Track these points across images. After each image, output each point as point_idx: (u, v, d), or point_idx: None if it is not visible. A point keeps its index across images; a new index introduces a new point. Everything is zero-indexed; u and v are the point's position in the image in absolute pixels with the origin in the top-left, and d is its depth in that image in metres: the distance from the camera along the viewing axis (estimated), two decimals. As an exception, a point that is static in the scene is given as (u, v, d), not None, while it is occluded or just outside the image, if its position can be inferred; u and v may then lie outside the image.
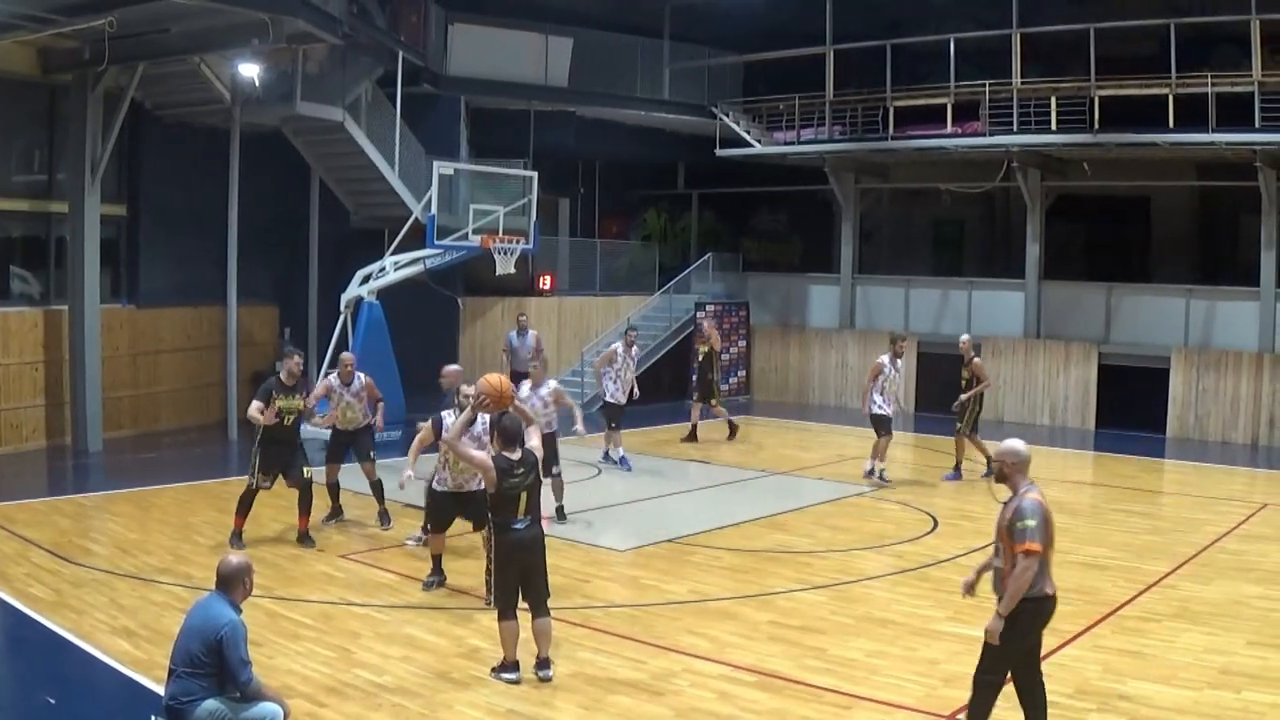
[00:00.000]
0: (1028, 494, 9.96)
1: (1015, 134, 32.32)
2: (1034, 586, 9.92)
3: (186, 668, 9.57)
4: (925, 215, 41.96)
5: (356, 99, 30.02)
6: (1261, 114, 28.61)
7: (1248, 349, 30.91)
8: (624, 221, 43.20)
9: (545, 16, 35.57)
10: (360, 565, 17.03)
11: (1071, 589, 16.07)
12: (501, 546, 12.27)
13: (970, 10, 35.12)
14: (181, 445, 27.38)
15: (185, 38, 24.92)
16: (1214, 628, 14.38)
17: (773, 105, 37.40)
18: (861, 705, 11.84)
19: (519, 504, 12.18)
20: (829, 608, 15.32)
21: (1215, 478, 26.29)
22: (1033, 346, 33.99)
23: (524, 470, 12.21)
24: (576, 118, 37.33)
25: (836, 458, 27.23)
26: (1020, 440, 10.45)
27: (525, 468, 12.24)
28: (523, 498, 12.19)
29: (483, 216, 27.85)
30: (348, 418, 19.56)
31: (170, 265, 29.38)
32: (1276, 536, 20.00)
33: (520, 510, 12.19)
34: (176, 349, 29.25)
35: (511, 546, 12.21)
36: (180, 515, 19.53)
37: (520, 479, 12.17)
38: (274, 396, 17.81)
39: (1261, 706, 11.75)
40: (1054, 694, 11.87)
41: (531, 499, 12.26)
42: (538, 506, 12.34)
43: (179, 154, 29.28)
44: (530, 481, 12.24)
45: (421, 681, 12.19)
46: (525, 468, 12.24)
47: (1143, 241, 37.78)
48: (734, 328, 39.01)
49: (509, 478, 12.14)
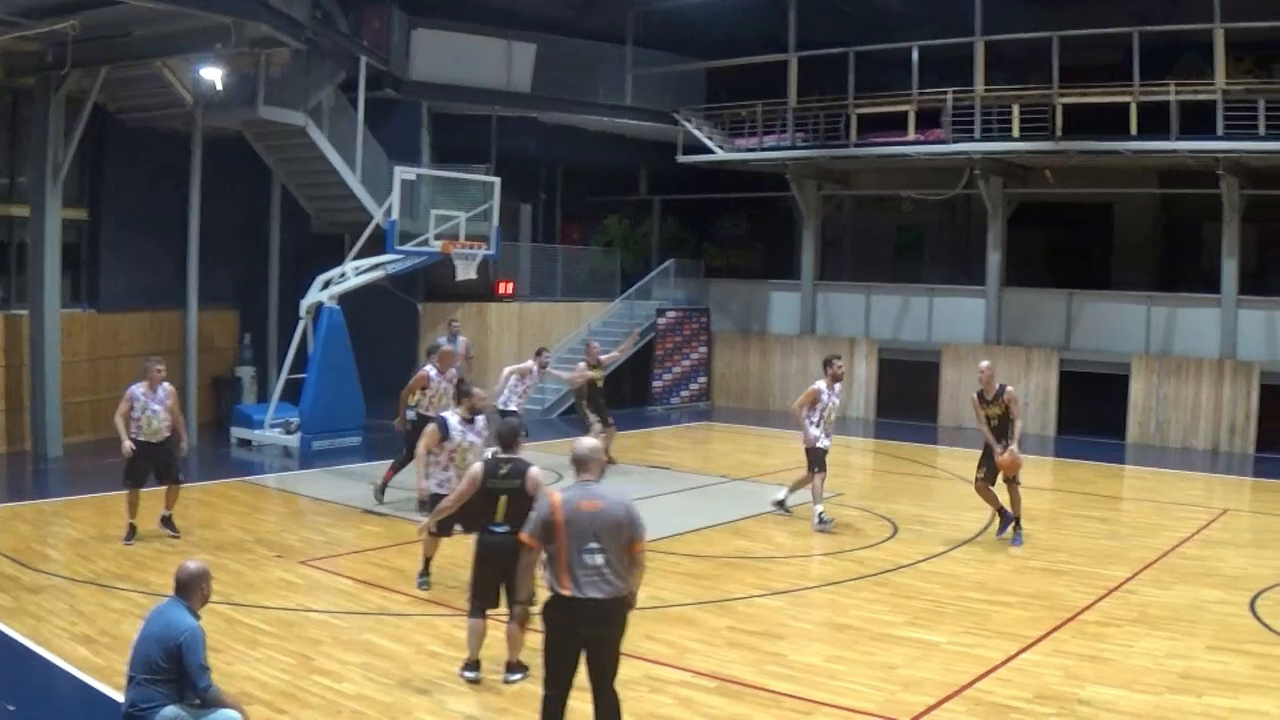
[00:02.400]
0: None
1: (978, 141, 32.41)
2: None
3: (146, 674, 9.51)
4: (887, 222, 41.96)
5: (319, 103, 29.93)
6: (1224, 122, 28.74)
7: (1209, 356, 31.04)
8: (585, 227, 43.13)
9: (508, 22, 35.46)
10: (319, 572, 16.93)
11: (1031, 594, 16.17)
12: (478, 547, 12.40)
13: (933, 18, 35.17)
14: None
15: (148, 41, 24.80)
16: (1174, 632, 14.41)
17: (735, 112, 37.38)
18: (821, 710, 11.80)
19: (498, 506, 12.22)
20: (788, 613, 15.32)
21: (1175, 483, 26.35)
22: (994, 353, 33.94)
23: (508, 473, 12.26)
24: (538, 123, 37.22)
25: (797, 464, 27.10)
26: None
27: (511, 470, 12.27)
28: (503, 501, 12.21)
29: (444, 222, 27.71)
30: (152, 428, 18.37)
31: (131, 269, 29.23)
32: (1236, 542, 20.10)
33: (499, 514, 12.22)
34: (137, 354, 28.93)
35: (487, 548, 12.28)
36: (139, 522, 19.36)
37: (503, 480, 12.22)
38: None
39: (1222, 711, 11.76)
40: (1014, 699, 11.94)
41: (513, 505, 12.09)
42: (522, 516, 12.10)
43: (141, 158, 29.13)
44: (514, 486, 12.17)
45: (381, 688, 12.13)
46: (511, 470, 12.27)
47: (1104, 248, 37.89)
48: (695, 334, 39.02)
49: (493, 477, 12.24)
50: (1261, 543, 20.15)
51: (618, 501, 10.01)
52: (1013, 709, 11.79)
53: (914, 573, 17.34)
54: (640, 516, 10.04)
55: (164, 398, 18.30)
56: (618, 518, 9.86)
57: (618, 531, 9.84)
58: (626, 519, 9.91)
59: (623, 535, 9.86)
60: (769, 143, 36.50)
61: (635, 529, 9.94)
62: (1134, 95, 29.79)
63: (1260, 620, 15.05)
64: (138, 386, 18.28)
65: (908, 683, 12.47)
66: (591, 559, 9.73)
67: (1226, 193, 30.38)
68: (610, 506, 9.92)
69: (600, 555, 9.75)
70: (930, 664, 12.73)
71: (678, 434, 29.74)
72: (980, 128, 32.30)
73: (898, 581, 16.91)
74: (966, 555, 18.59)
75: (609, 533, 9.81)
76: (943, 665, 12.96)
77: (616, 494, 10.14)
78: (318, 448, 26.27)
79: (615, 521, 9.85)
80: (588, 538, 9.76)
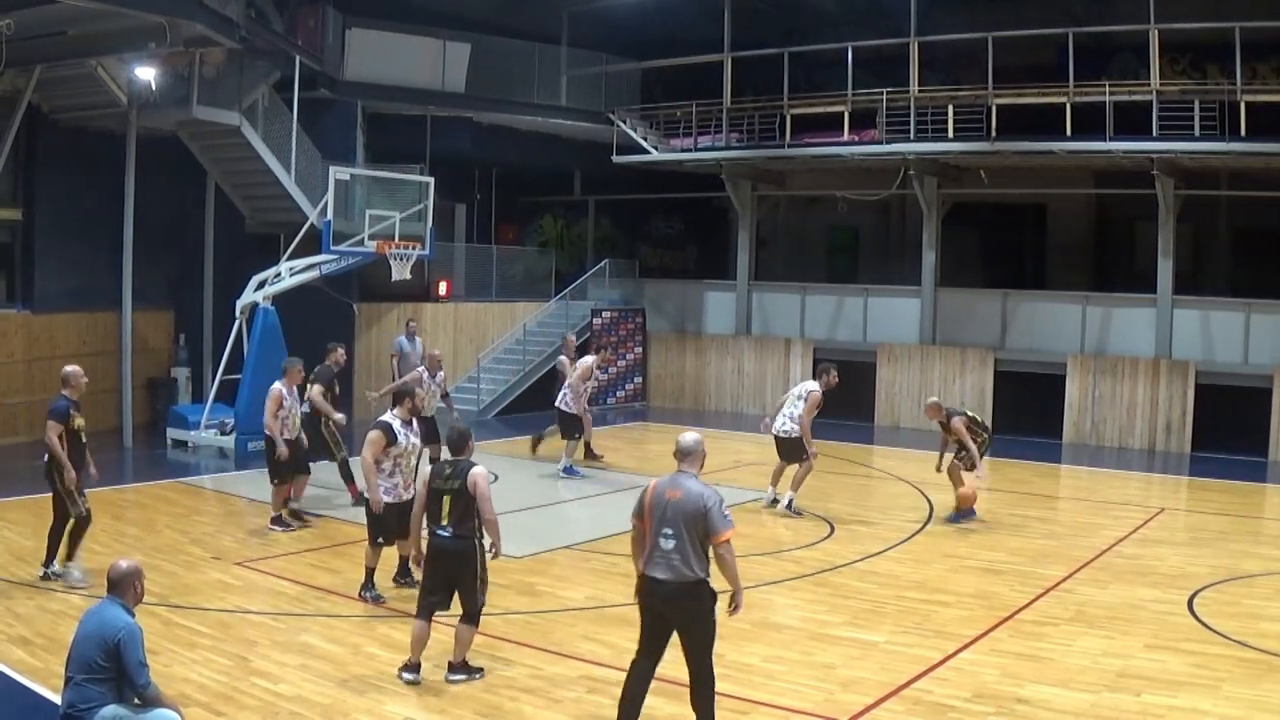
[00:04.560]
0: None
1: (912, 142, 32.48)
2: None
3: (84, 674, 9.49)
4: (821, 222, 42.09)
5: (253, 103, 29.71)
6: (1159, 123, 28.87)
7: (1144, 355, 31.18)
8: (520, 228, 43.10)
9: (443, 22, 35.33)
10: (256, 573, 16.79)
11: (969, 593, 16.19)
12: (428, 549, 12.53)
13: (868, 19, 35.26)
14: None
15: (83, 41, 24.59)
16: (1111, 631, 14.46)
17: (670, 112, 37.31)
18: (759, 710, 11.78)
19: (442, 507, 12.30)
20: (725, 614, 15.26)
21: (1112, 483, 26.47)
22: (929, 353, 34.13)
23: (452, 473, 12.36)
24: (473, 123, 37.11)
25: (733, 463, 27.16)
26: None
27: (454, 471, 12.36)
28: (446, 501, 12.27)
29: (379, 222, 27.63)
30: (296, 425, 19.34)
31: (66, 270, 28.97)
32: (1173, 541, 20.21)
33: (443, 515, 12.30)
34: (71, 355, 28.67)
35: (434, 550, 12.40)
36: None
37: (446, 481, 12.34)
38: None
39: (1160, 709, 11.79)
40: (952, 698, 11.93)
41: (455, 506, 12.23)
42: (465, 523, 12.25)
43: (75, 158, 28.85)
44: (455, 488, 12.25)
45: (319, 690, 12.05)
46: (454, 471, 12.36)
47: (1039, 249, 38.11)
48: (630, 334, 38.96)
49: (438, 478, 12.40)
50: (1199, 541, 20.24)
51: (699, 494, 10.46)
52: (951, 708, 11.78)
53: (851, 573, 17.36)
54: (721, 513, 10.47)
55: (297, 395, 19.23)
56: (695, 510, 10.37)
57: (693, 522, 10.37)
58: (703, 512, 10.37)
59: (698, 527, 10.37)
60: (704, 143, 36.47)
61: (712, 523, 10.38)
62: (1069, 96, 29.93)
63: (1198, 619, 15.12)
64: (280, 384, 19.08)
65: (846, 682, 12.48)
66: (665, 543, 10.42)
67: (1161, 193, 30.50)
68: (690, 497, 10.44)
69: (672, 541, 10.39)
70: (869, 663, 12.70)
71: (613, 434, 29.67)
72: (915, 128, 32.35)
73: (835, 581, 16.91)
74: (904, 555, 18.62)
75: (684, 522, 10.37)
76: (881, 665, 12.95)
77: (701, 487, 10.56)
78: (253, 449, 26.03)
79: (691, 513, 10.37)
80: (664, 523, 10.43)
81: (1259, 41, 30.20)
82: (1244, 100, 28.14)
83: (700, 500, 10.39)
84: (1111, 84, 29.91)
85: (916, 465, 26.19)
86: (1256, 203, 31.66)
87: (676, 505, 10.40)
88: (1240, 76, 28.53)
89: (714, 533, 10.36)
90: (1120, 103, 29.44)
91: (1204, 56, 33.17)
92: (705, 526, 10.35)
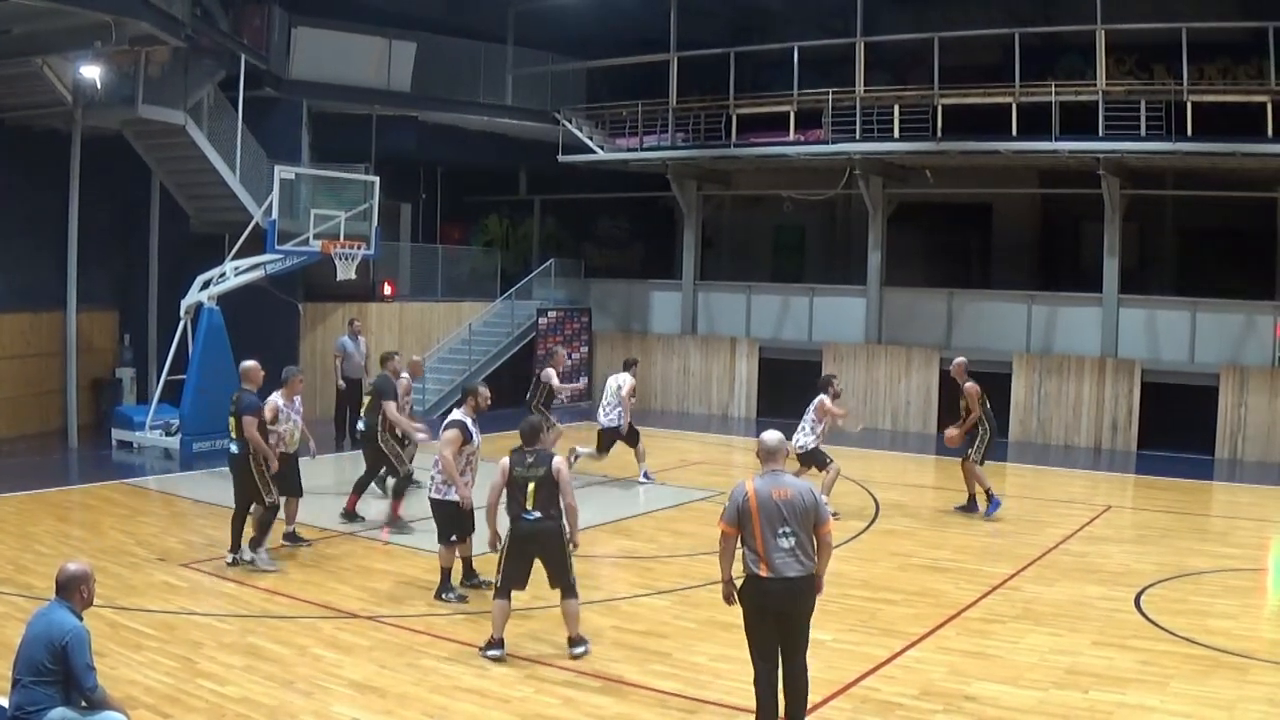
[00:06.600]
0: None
1: (858, 141, 32.57)
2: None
3: (32, 677, 9.45)
4: (767, 222, 42.18)
5: (199, 102, 29.50)
6: (1105, 122, 29.02)
7: (1090, 354, 31.34)
8: (466, 227, 43.03)
9: (388, 21, 35.20)
10: (202, 575, 16.72)
11: (915, 591, 16.23)
12: (511, 534, 13.22)
13: (814, 19, 35.37)
14: (20, 453, 26.75)
15: (27, 39, 24.45)
16: (1058, 628, 14.53)
17: (615, 111, 37.35)
18: (707, 709, 11.80)
19: (528, 494, 13.06)
20: (672, 612, 15.26)
21: (1058, 481, 26.64)
22: (874, 352, 34.19)
23: (534, 461, 13.19)
24: (419, 123, 36.99)
25: (679, 463, 27.19)
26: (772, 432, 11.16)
27: (536, 459, 13.21)
28: (531, 488, 13.06)
29: (324, 221, 27.52)
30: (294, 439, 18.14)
31: (9, 270, 28.64)
32: (1119, 538, 20.31)
33: (529, 500, 13.05)
34: (15, 355, 28.60)
35: (521, 534, 13.13)
36: (20, 525, 19.05)
37: (530, 469, 13.14)
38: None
39: (1108, 705, 11.83)
40: (900, 695, 11.96)
41: (540, 493, 13.04)
42: (550, 506, 12.97)
43: (19, 157, 28.62)
44: (540, 475, 13.07)
45: (265, 691, 12.01)
46: (536, 459, 13.21)
47: (984, 248, 38.29)
48: (576, 334, 38.86)
49: (519, 466, 13.18)
50: (1145, 539, 20.40)
51: (806, 488, 10.96)
52: (899, 706, 11.80)
53: (799, 571, 17.34)
54: (825, 502, 11.24)
55: (299, 407, 18.10)
56: (806, 504, 10.79)
57: (806, 516, 10.77)
58: (813, 505, 10.84)
59: (809, 519, 10.79)
60: (649, 143, 36.51)
61: (821, 513, 10.91)
62: (1015, 96, 30.10)
63: (1145, 615, 15.22)
64: (278, 396, 17.88)
65: (794, 681, 12.42)
66: (785, 541, 10.67)
67: (1107, 192, 30.67)
68: (800, 493, 10.83)
69: (792, 538, 10.68)
70: (816, 662, 12.67)
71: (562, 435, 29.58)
72: (860, 128, 32.44)
73: (783, 580, 16.89)
74: (850, 554, 18.59)
75: (799, 518, 10.72)
76: (828, 663, 12.90)
77: (802, 483, 11.03)
78: (198, 449, 25.92)
79: (804, 507, 10.77)
80: (779, 522, 10.68)
81: (1205, 42, 30.46)
82: (1190, 100, 28.37)
83: (810, 494, 10.89)
84: (1058, 84, 30.13)
85: (861, 464, 26.28)
86: (1202, 202, 31.95)
87: (789, 503, 10.70)
88: (1187, 77, 28.72)
89: (823, 522, 10.87)
90: (1066, 103, 29.64)
91: (1150, 57, 33.42)
92: (816, 517, 10.82)
